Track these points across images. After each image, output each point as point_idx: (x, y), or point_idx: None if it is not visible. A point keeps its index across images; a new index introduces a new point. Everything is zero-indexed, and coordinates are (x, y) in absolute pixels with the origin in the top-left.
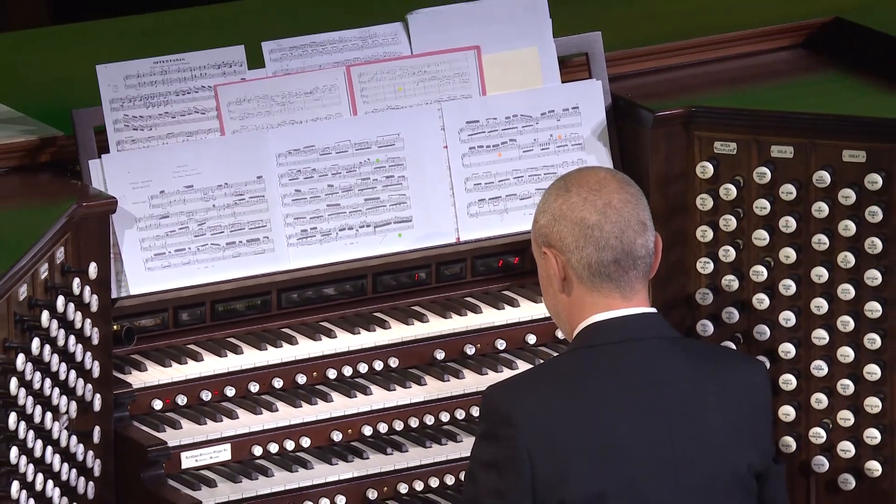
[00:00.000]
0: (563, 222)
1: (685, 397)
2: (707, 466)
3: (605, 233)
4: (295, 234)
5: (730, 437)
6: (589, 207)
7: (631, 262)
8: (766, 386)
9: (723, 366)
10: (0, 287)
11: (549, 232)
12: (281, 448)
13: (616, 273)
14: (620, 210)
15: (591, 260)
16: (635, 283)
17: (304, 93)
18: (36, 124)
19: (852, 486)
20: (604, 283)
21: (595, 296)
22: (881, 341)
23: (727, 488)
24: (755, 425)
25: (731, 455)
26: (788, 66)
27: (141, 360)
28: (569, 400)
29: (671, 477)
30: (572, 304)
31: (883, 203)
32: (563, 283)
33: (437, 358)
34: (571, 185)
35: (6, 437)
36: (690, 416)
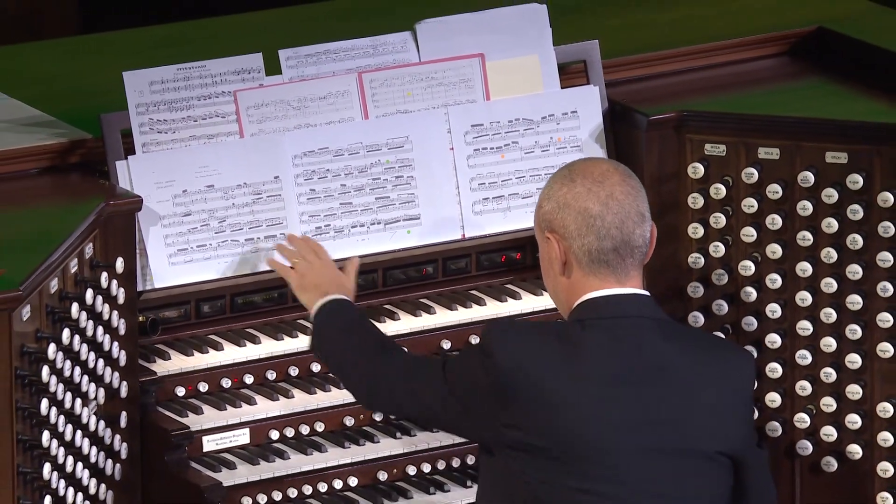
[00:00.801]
0: (567, 210)
1: (664, 374)
2: (672, 436)
3: (606, 223)
4: (310, 230)
5: (706, 418)
6: (592, 198)
7: (629, 251)
8: (751, 374)
9: (709, 350)
10: (33, 281)
11: (553, 218)
12: (296, 432)
13: (614, 260)
14: (622, 202)
15: (592, 248)
16: (631, 270)
17: (319, 97)
18: (66, 128)
19: (834, 468)
20: (601, 269)
21: (592, 279)
22: (862, 332)
23: (691, 462)
24: (733, 410)
25: (701, 432)
26: (774, 72)
27: (165, 349)
28: (551, 355)
29: (634, 438)
30: (571, 286)
31: (863, 202)
32: (564, 266)
33: (444, 347)
34: (576, 176)
35: (39, 422)
36: (666, 391)
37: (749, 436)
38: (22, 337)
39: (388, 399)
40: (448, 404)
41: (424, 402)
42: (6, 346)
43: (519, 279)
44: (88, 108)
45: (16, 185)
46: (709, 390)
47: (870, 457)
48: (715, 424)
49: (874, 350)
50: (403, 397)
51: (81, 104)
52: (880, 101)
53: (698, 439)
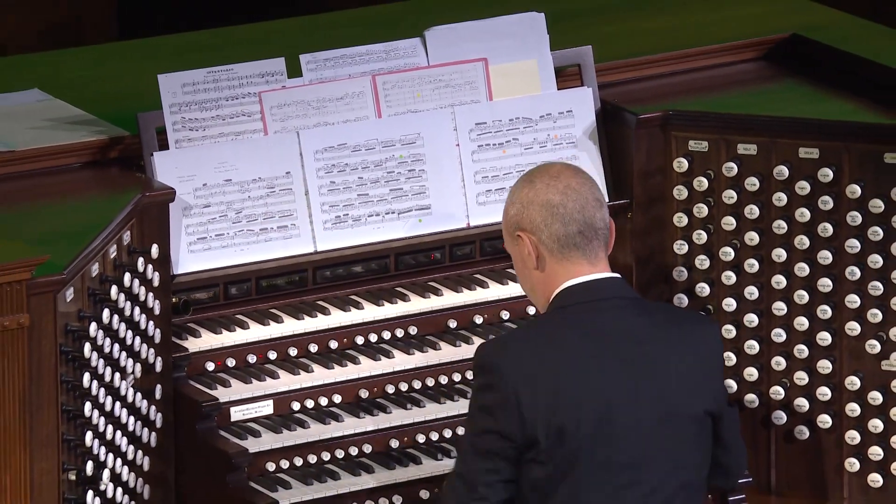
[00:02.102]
0: (532, 206)
1: (645, 348)
2: (663, 405)
3: (568, 209)
4: (330, 219)
5: (685, 382)
6: (552, 191)
7: (593, 233)
8: (718, 340)
9: (680, 322)
10: (75, 265)
11: (521, 218)
12: (316, 404)
13: (582, 242)
14: (579, 190)
15: (560, 234)
16: (598, 251)
17: (336, 98)
18: (106, 126)
19: (806, 436)
20: (572, 252)
21: (566, 265)
22: (832, 312)
23: (683, 424)
24: (708, 373)
25: (686, 396)
26: (752, 76)
27: (196, 327)
28: (548, 351)
29: (633, 412)
30: (546, 278)
31: (833, 193)
32: (537, 260)
33: (450, 326)
34: (535, 177)
35: (81, 394)
36: (649, 362)
37: (724, 392)
38: (66, 316)
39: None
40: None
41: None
42: (51, 325)
43: None
44: (126, 108)
45: (60, 179)
46: (686, 356)
47: (839, 426)
48: (697, 386)
49: (843, 328)
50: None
51: (120, 104)
52: (849, 101)
53: (688, 403)
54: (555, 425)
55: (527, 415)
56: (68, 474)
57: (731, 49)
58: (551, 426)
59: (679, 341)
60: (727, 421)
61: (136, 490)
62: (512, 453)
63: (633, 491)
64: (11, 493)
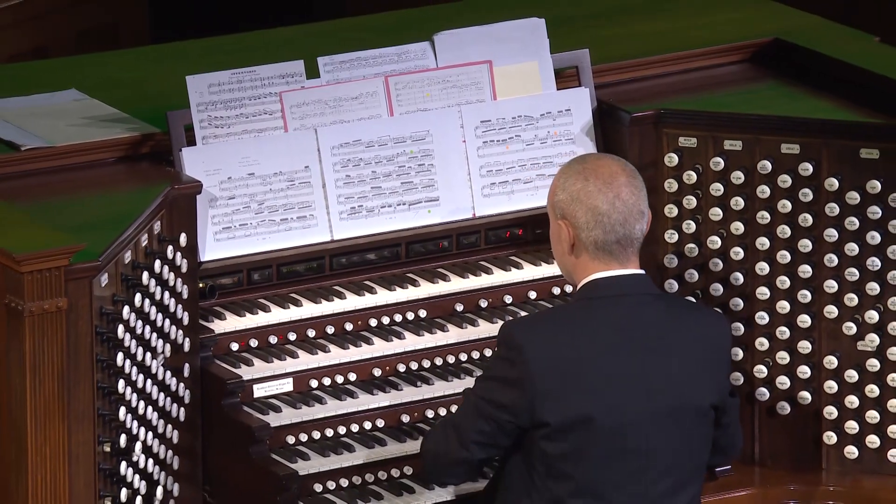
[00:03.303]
0: (579, 205)
1: (661, 342)
2: (673, 397)
3: (612, 220)
4: (346, 210)
5: (695, 375)
6: (601, 198)
7: (629, 242)
8: (728, 336)
9: (696, 318)
10: (109, 253)
11: (566, 208)
12: (332, 381)
13: (617, 250)
14: (626, 201)
15: (599, 240)
16: (631, 256)
17: (352, 98)
18: (138, 123)
19: (788, 412)
20: (606, 256)
21: (598, 263)
22: (811, 296)
23: (691, 416)
24: (717, 367)
25: (696, 390)
26: (737, 77)
27: (221, 311)
28: (570, 338)
29: (644, 403)
30: (577, 265)
31: (813, 186)
32: (572, 248)
33: (457, 310)
34: (589, 175)
35: (115, 372)
36: (663, 355)
37: (727, 387)
38: (101, 300)
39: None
40: (486, 414)
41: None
42: (87, 308)
43: (521, 252)
44: (157, 107)
45: (95, 173)
46: (698, 351)
47: (817, 402)
48: (706, 381)
49: (822, 312)
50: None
51: (151, 103)
52: (827, 100)
53: (697, 396)
54: (569, 412)
55: (539, 398)
56: (103, 446)
57: (718, 52)
58: (566, 412)
59: (693, 337)
60: (729, 409)
61: (166, 461)
62: (510, 427)
63: (642, 476)
64: (51, 463)
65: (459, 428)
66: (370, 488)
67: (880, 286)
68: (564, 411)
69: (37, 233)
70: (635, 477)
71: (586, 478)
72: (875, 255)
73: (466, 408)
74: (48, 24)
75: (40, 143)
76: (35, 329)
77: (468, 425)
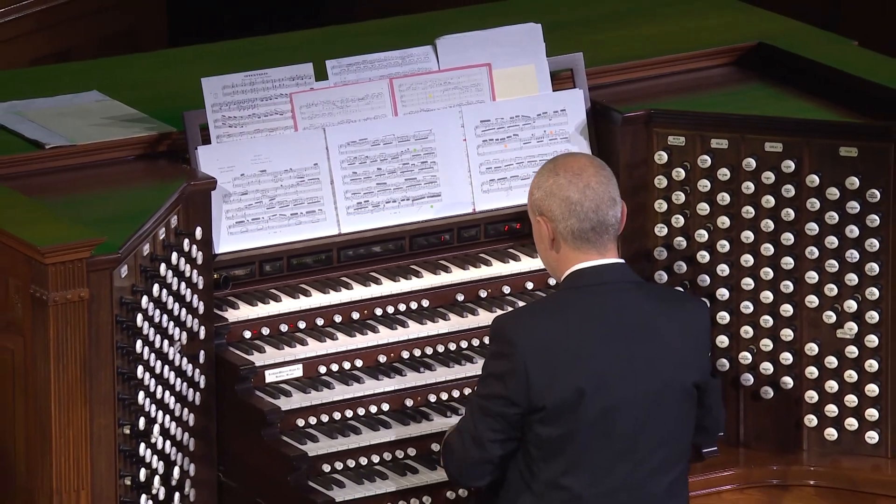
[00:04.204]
0: (553, 198)
1: (644, 326)
2: (659, 378)
3: (584, 208)
4: (352, 205)
5: (678, 357)
6: (573, 188)
7: (604, 229)
8: (707, 320)
9: (676, 304)
10: (129, 246)
11: (542, 204)
12: (340, 368)
13: (593, 237)
14: (597, 189)
15: (575, 228)
16: (608, 243)
17: (358, 98)
18: (156, 123)
19: (771, 396)
20: (584, 245)
21: (577, 253)
22: (793, 287)
23: (675, 395)
24: (698, 348)
25: (679, 371)
26: (724, 79)
27: (235, 300)
28: (557, 326)
29: (631, 384)
30: (559, 258)
31: (795, 182)
32: (552, 242)
33: (458, 300)
34: (560, 169)
35: (134, 358)
36: (647, 339)
37: (708, 368)
38: (121, 290)
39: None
40: (492, 407)
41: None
42: (108, 298)
43: (519, 244)
44: (173, 108)
45: (115, 170)
46: (679, 334)
47: (799, 386)
48: (688, 361)
49: (803, 301)
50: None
51: (168, 104)
52: (808, 101)
53: (680, 376)
54: (561, 394)
55: (534, 385)
56: (123, 428)
57: (706, 55)
58: (557, 395)
59: (674, 320)
60: (711, 390)
61: (183, 442)
62: (515, 418)
63: (630, 456)
64: (74, 445)
65: (472, 431)
66: (376, 468)
67: (858, 277)
68: (557, 394)
69: (60, 227)
70: (624, 456)
71: (578, 458)
72: (853, 247)
73: (473, 412)
74: (71, 29)
75: (63, 141)
76: (59, 318)
77: (479, 427)
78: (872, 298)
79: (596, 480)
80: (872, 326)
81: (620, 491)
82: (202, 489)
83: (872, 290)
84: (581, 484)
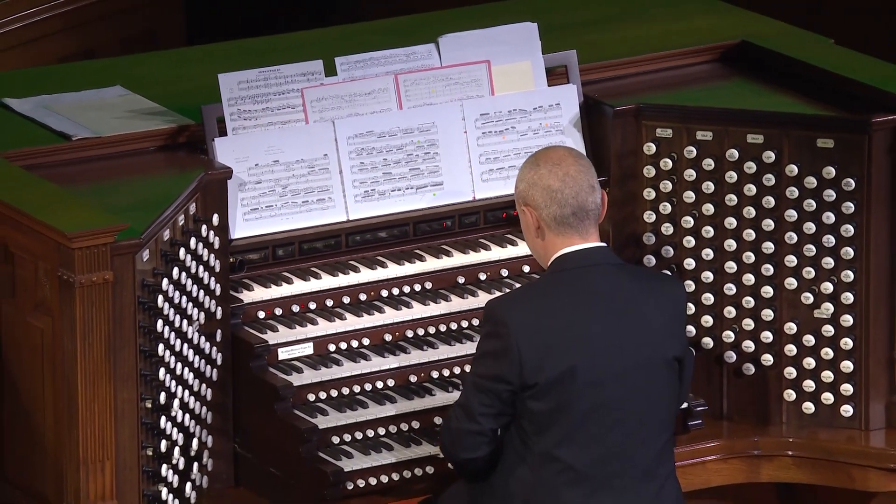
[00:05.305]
0: (536, 188)
1: (628, 304)
2: (643, 352)
3: (565, 195)
4: (360, 193)
5: (660, 332)
6: (553, 177)
7: (584, 214)
8: (684, 295)
9: (655, 283)
10: (150, 231)
11: (527, 195)
12: (348, 346)
13: (575, 222)
14: (576, 177)
15: (557, 214)
16: (589, 228)
17: (365, 93)
18: (175, 116)
19: (752, 372)
20: (567, 230)
21: (561, 238)
22: (773, 270)
23: (661, 369)
24: (677, 324)
25: (662, 345)
26: (709, 75)
27: (249, 283)
28: (546, 306)
29: (618, 359)
30: (546, 245)
31: (775, 172)
32: (538, 230)
33: (459, 282)
34: (540, 161)
35: (155, 337)
36: (631, 316)
37: (685, 341)
38: (142, 273)
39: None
40: (487, 386)
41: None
42: (131, 281)
43: (516, 230)
44: (192, 102)
45: (137, 160)
46: (660, 310)
47: (779, 363)
48: (669, 335)
49: (783, 283)
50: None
51: (187, 99)
52: (787, 96)
53: (662, 349)
54: (552, 371)
55: (526, 363)
56: (145, 403)
57: (692, 53)
58: (548, 372)
59: (655, 298)
60: (687, 361)
61: (201, 416)
62: (507, 395)
63: (619, 428)
64: (99, 418)
65: (465, 406)
66: (381, 440)
67: (834, 261)
68: (548, 371)
69: (86, 213)
70: (614, 428)
71: (570, 430)
72: (830, 233)
73: (467, 387)
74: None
75: (89, 133)
76: (84, 299)
77: (472, 401)
78: (847, 281)
79: (587, 451)
80: (847, 307)
81: (612, 460)
82: (219, 459)
83: (847, 273)
84: (573, 455)
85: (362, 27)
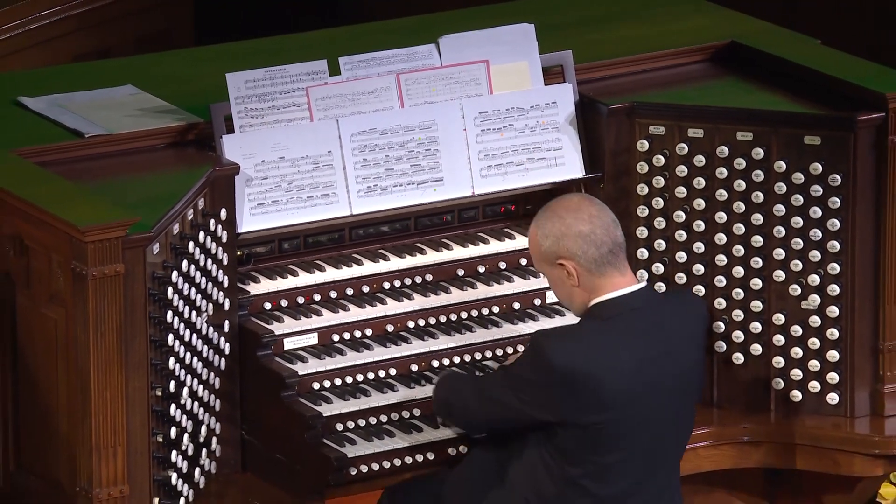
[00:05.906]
0: (567, 238)
1: (671, 341)
2: (683, 389)
3: (598, 235)
4: (363, 189)
5: (695, 361)
6: (580, 223)
7: (618, 248)
8: (706, 314)
9: (687, 310)
10: (160, 225)
11: (558, 248)
12: (352, 336)
13: (612, 259)
14: (599, 216)
15: (595, 256)
16: (624, 261)
17: (368, 92)
18: (185, 114)
19: (742, 361)
20: (606, 269)
21: (602, 279)
22: (762, 262)
23: (692, 399)
24: (703, 346)
25: (695, 374)
26: (700, 74)
27: (256, 275)
28: (594, 354)
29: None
30: (585, 291)
31: (764, 168)
32: (578, 279)
33: (459, 275)
34: (560, 212)
35: (165, 327)
36: (675, 355)
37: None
38: (153, 266)
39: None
40: (511, 403)
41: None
42: (141, 273)
43: (514, 224)
44: (201, 100)
45: (148, 157)
46: (693, 338)
47: (767, 353)
48: (700, 361)
49: (771, 276)
50: (477, 409)
51: (196, 97)
52: (776, 94)
53: (696, 379)
54: (592, 416)
55: (565, 404)
56: (155, 391)
57: (683, 53)
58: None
59: (690, 328)
60: None
61: (209, 404)
62: (526, 424)
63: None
64: (111, 406)
65: (478, 400)
66: (384, 427)
67: (821, 254)
68: (588, 416)
69: (98, 208)
70: (643, 468)
71: (598, 464)
72: (816, 227)
73: (496, 391)
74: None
75: (101, 131)
76: (97, 291)
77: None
78: (834, 273)
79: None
80: (833, 298)
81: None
82: (227, 446)
83: (834, 266)
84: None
85: (366, 28)
